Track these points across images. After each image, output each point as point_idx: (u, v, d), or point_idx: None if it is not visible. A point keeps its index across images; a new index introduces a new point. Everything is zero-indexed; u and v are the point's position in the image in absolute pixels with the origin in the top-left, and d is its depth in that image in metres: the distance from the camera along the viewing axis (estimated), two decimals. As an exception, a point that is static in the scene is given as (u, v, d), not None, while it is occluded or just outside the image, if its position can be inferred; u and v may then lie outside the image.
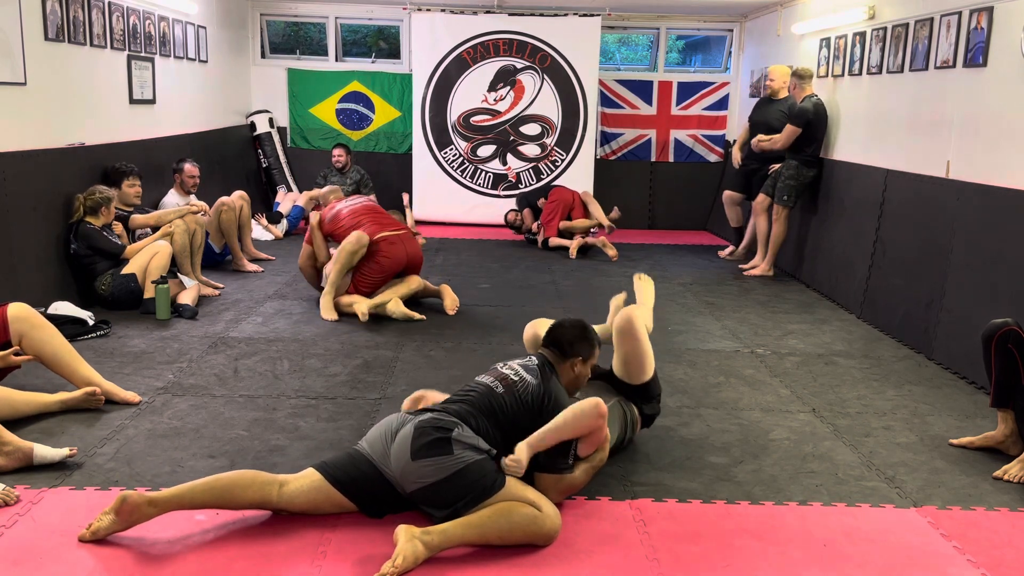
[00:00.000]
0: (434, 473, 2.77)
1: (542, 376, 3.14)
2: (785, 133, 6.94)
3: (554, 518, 2.79)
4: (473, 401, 3.03)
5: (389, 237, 5.64)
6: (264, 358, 4.65)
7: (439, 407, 3.01)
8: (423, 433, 2.83)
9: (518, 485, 2.83)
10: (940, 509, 3.15)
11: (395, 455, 2.84)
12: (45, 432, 3.52)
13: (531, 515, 2.75)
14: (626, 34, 10.83)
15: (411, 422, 2.89)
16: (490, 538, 2.72)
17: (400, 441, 2.84)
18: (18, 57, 5.02)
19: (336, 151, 9.07)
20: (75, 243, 5.41)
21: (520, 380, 3.11)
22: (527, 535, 2.74)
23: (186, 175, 6.78)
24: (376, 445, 2.91)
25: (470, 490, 2.76)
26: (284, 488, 2.84)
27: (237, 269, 6.83)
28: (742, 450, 3.62)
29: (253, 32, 9.72)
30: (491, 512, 2.73)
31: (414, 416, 2.94)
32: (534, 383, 3.10)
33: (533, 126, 9.57)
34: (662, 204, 10.10)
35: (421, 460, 2.79)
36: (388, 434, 2.91)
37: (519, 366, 3.20)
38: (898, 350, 5.20)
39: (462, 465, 2.77)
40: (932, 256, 5.19)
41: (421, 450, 2.79)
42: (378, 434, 2.94)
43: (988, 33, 4.80)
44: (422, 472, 2.79)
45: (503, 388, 3.08)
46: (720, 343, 5.24)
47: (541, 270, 7.33)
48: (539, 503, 2.80)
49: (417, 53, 9.46)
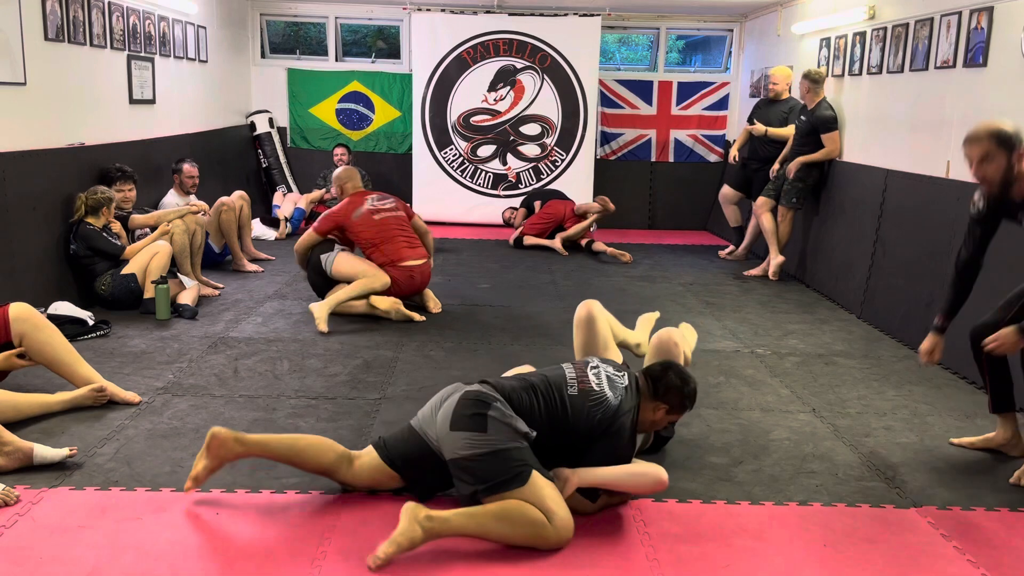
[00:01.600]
0: (467, 447, 2.79)
1: (622, 402, 2.99)
2: (831, 142, 6.71)
3: (561, 531, 2.72)
4: (536, 385, 3.01)
5: (412, 268, 5.52)
6: (264, 358, 4.65)
7: (496, 380, 3.03)
8: (465, 405, 2.85)
9: (541, 486, 2.76)
10: (940, 509, 3.15)
11: (439, 422, 2.89)
12: (45, 432, 3.52)
13: (538, 522, 2.70)
14: (626, 34, 10.83)
15: (461, 391, 2.93)
16: (491, 536, 2.72)
17: (445, 409, 2.89)
18: (18, 57, 5.02)
19: (338, 150, 9.08)
20: (75, 243, 5.41)
21: (599, 394, 2.99)
22: (528, 540, 2.71)
23: (185, 175, 6.78)
24: (427, 412, 2.99)
25: (494, 476, 2.74)
26: (352, 465, 3.00)
27: (237, 269, 6.83)
28: (742, 450, 3.62)
29: (253, 32, 9.72)
30: (498, 510, 2.71)
31: (465, 386, 2.98)
32: (613, 405, 2.97)
33: (533, 126, 9.57)
34: (662, 204, 10.10)
35: (458, 432, 2.81)
36: (440, 400, 2.96)
37: (607, 377, 3.06)
38: (898, 350, 5.20)
39: (493, 448, 2.76)
40: (932, 256, 5.19)
41: (459, 421, 2.83)
42: (433, 401, 3.00)
43: (988, 33, 4.80)
44: (457, 443, 2.81)
45: (577, 391, 3.00)
46: (720, 343, 5.24)
47: (541, 270, 7.33)
48: (552, 512, 2.72)
49: (417, 53, 9.46)
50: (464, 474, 2.81)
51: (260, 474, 3.22)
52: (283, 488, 3.12)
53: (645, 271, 7.47)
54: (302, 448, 3.00)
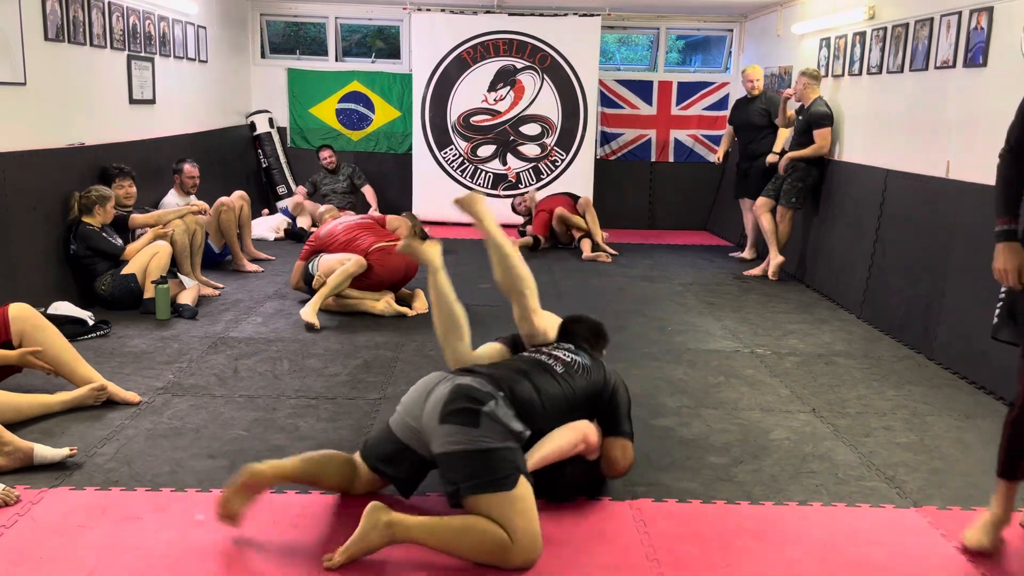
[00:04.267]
0: (457, 442, 2.68)
1: (594, 361, 3.18)
2: (821, 138, 6.78)
3: (526, 552, 2.60)
4: (525, 371, 2.97)
5: (386, 247, 5.63)
6: (264, 358, 4.65)
7: (485, 370, 2.96)
8: (456, 398, 2.75)
9: (523, 496, 2.64)
10: (940, 509, 3.15)
11: (427, 414, 2.79)
12: (45, 432, 3.52)
13: (502, 543, 2.57)
14: (626, 34, 10.84)
15: (450, 382, 2.84)
16: (452, 552, 2.62)
17: (434, 400, 2.79)
18: (18, 57, 5.02)
19: (324, 153, 9.04)
20: (74, 244, 5.41)
21: (573, 362, 3.10)
22: (491, 560, 2.60)
23: (185, 175, 6.78)
24: (411, 401, 2.90)
25: (481, 475, 2.63)
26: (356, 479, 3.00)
27: (237, 269, 6.83)
28: (742, 450, 3.62)
29: (253, 32, 9.72)
30: (461, 526, 2.60)
31: (455, 376, 2.90)
32: (592, 366, 3.14)
33: (533, 126, 9.57)
34: (662, 204, 10.10)
35: (448, 425, 2.71)
36: (426, 391, 2.87)
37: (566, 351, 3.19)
38: (898, 350, 5.20)
39: (484, 447, 2.66)
40: (932, 256, 5.19)
41: (450, 416, 2.71)
42: (417, 389, 2.93)
43: (988, 33, 4.80)
44: (447, 437, 2.71)
45: (563, 368, 3.05)
46: (720, 343, 5.24)
47: (541, 270, 7.32)
48: (520, 529, 2.58)
49: (417, 53, 9.46)
50: (450, 471, 2.72)
51: (260, 474, 3.22)
52: (283, 488, 3.12)
53: (645, 271, 7.47)
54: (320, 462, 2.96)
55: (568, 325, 3.42)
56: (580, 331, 3.38)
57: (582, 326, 3.41)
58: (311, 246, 5.91)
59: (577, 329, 3.39)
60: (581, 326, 3.41)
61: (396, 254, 5.65)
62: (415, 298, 5.83)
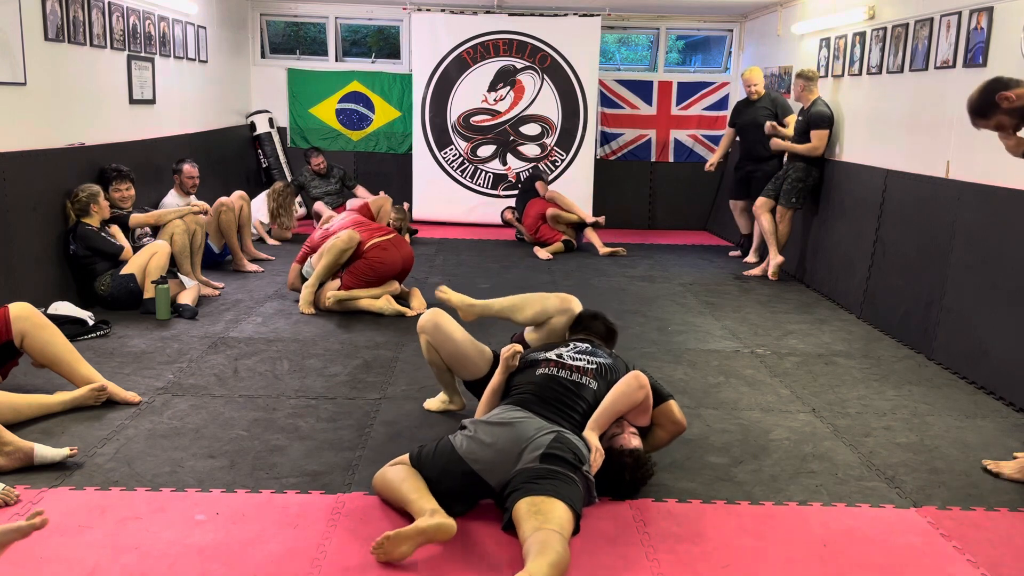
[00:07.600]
0: (551, 472, 2.81)
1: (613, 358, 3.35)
2: (817, 139, 6.79)
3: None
4: (587, 412, 3.11)
5: (381, 243, 5.67)
6: (264, 358, 4.65)
7: (570, 427, 3.03)
8: (561, 448, 2.87)
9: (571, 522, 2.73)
10: (940, 509, 3.15)
11: (525, 459, 2.86)
12: (45, 432, 3.52)
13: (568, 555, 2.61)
14: (626, 34, 10.83)
15: (551, 435, 2.91)
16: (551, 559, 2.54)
17: (533, 447, 2.87)
18: (18, 57, 5.02)
19: (316, 159, 9.03)
20: (74, 244, 5.41)
21: (598, 367, 3.24)
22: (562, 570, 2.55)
23: (185, 176, 6.77)
24: (503, 450, 2.89)
25: (552, 489, 2.74)
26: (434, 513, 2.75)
27: (237, 269, 6.83)
28: (742, 450, 3.62)
29: (253, 32, 9.71)
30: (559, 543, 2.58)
31: (555, 432, 2.94)
32: (611, 362, 3.29)
33: (533, 126, 9.57)
34: (662, 204, 10.10)
35: (548, 464, 2.83)
36: (521, 441, 2.90)
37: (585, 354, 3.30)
38: (898, 350, 5.20)
39: (571, 482, 2.82)
40: (932, 256, 5.19)
41: (551, 459, 2.84)
42: (500, 439, 2.92)
43: (988, 33, 4.80)
44: (541, 467, 2.82)
45: (596, 383, 3.18)
46: (720, 343, 5.24)
47: (541, 270, 7.33)
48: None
49: (417, 53, 9.46)
50: (525, 476, 2.80)
51: (260, 474, 3.23)
52: (283, 488, 3.12)
53: (645, 271, 7.47)
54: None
55: (586, 321, 3.62)
56: (597, 328, 3.59)
57: (599, 323, 3.62)
58: (305, 246, 5.94)
59: (594, 326, 3.60)
60: (598, 323, 3.62)
61: (391, 247, 5.71)
62: (413, 297, 5.85)
